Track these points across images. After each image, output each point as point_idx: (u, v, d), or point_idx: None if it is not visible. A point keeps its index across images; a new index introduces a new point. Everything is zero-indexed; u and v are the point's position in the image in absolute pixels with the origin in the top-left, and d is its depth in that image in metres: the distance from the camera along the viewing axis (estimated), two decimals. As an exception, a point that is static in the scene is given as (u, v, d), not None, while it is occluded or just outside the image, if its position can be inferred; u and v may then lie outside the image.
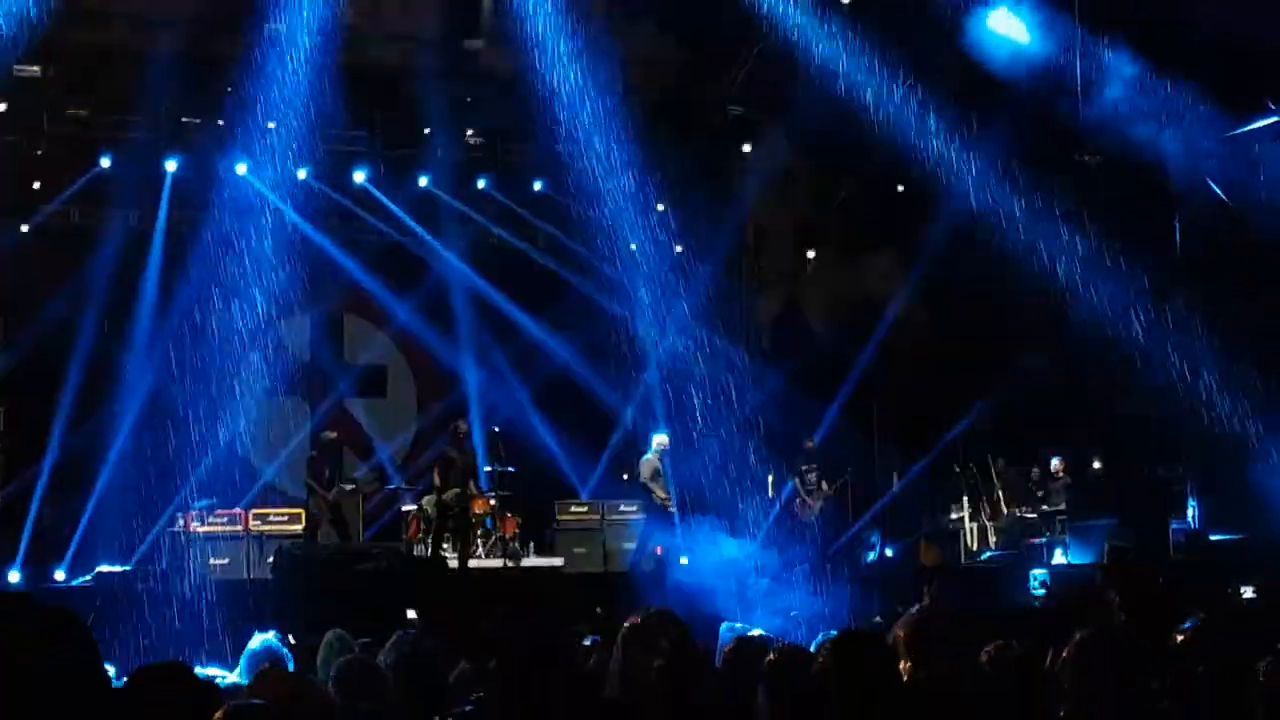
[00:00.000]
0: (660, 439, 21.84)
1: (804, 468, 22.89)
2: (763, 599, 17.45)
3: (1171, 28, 19.82)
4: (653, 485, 21.58)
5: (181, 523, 20.14)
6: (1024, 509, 23.01)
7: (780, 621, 12.58)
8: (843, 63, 21.36)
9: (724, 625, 9.32)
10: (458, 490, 20.68)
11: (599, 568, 21.40)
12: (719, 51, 24.20)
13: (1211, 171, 21.29)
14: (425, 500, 20.99)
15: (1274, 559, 18.41)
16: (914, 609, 5.43)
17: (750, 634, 9.23)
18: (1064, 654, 5.23)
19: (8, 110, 21.51)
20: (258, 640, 8.92)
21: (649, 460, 21.66)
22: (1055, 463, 23.28)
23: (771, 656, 6.17)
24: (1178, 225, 22.34)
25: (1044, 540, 22.00)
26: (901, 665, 5.32)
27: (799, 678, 5.49)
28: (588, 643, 9.09)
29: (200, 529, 20.04)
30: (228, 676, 8.66)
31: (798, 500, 22.79)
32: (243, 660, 8.85)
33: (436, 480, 20.89)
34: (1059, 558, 21.28)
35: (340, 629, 9.62)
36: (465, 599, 17.25)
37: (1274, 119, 20.78)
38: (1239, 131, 20.95)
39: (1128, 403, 21.51)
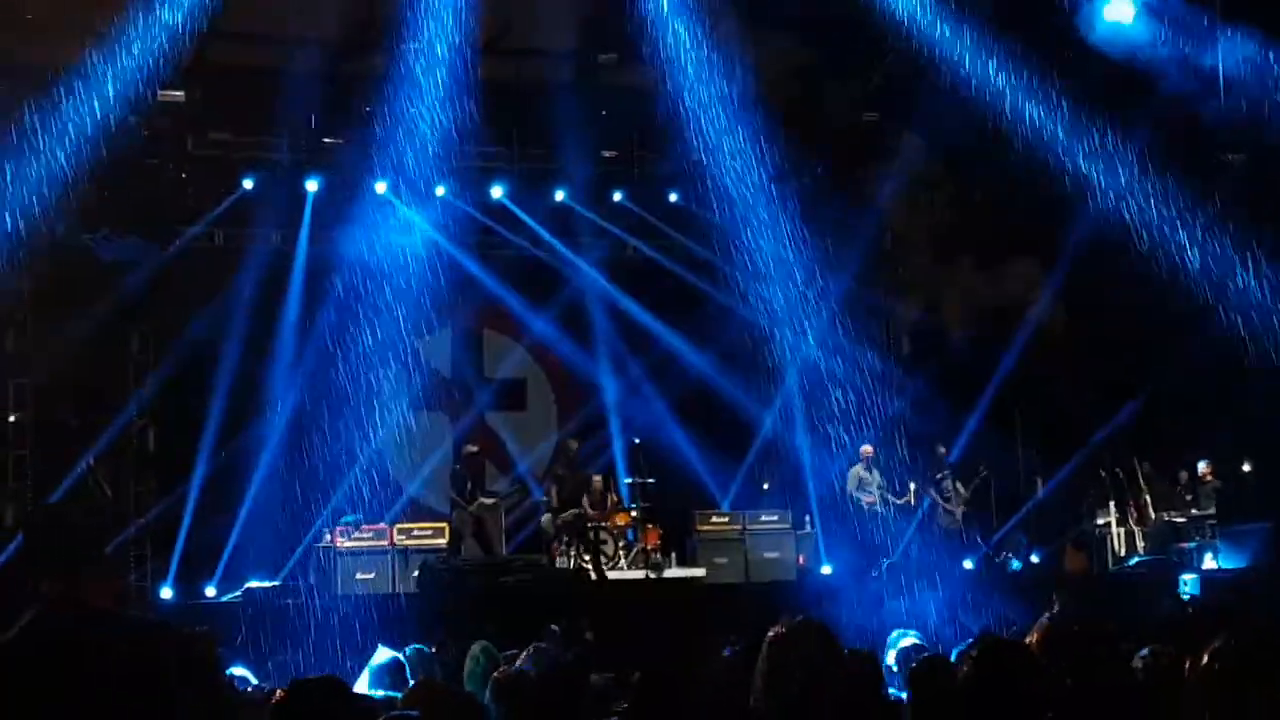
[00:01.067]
0: (865, 449, 21.90)
1: (938, 475, 22.72)
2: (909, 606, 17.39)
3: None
4: (858, 495, 21.70)
5: (328, 538, 20.39)
6: (1172, 513, 22.65)
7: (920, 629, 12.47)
8: (978, 66, 21.19)
9: (895, 632, 9.29)
10: (577, 511, 20.86)
11: (740, 578, 21.35)
12: (852, 58, 24.09)
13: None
14: (544, 520, 21.12)
15: None
16: (1044, 617, 5.36)
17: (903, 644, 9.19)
18: (1202, 660, 5.12)
19: (151, 134, 21.89)
20: (384, 655, 9.02)
21: (853, 471, 21.77)
22: (1203, 466, 22.91)
23: (914, 665, 6.14)
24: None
25: (1193, 545, 21.66)
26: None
27: (943, 686, 5.46)
28: (727, 653, 9.05)
29: (346, 544, 20.26)
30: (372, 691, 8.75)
31: (939, 510, 22.62)
32: (369, 673, 8.93)
33: (554, 500, 21.02)
34: (1209, 562, 20.94)
35: (486, 641, 9.72)
36: (609, 610, 17.32)
37: None
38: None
39: (1277, 404, 21.10)
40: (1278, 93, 20.18)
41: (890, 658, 9.05)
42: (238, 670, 10.55)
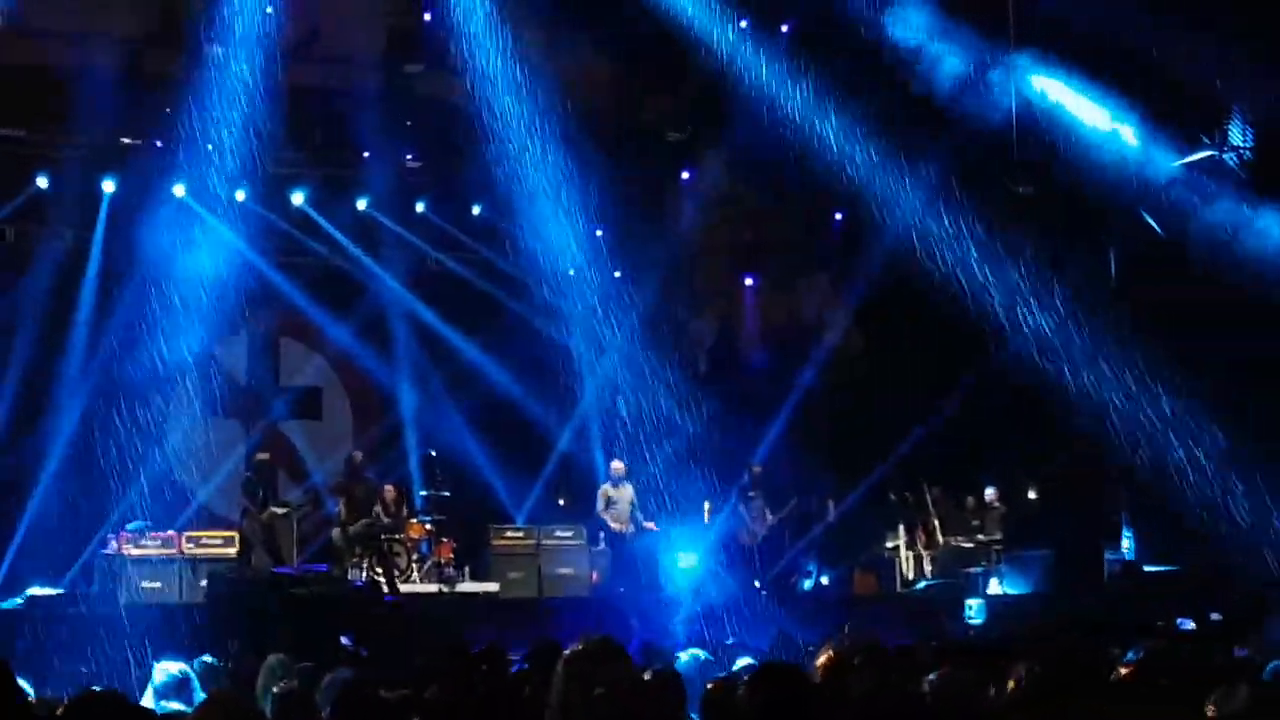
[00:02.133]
0: (615, 465, 21.85)
1: (749, 493, 22.87)
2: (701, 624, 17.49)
3: (1105, 57, 20.02)
4: (604, 516, 21.62)
5: (114, 545, 19.93)
6: (960, 538, 23.05)
7: (716, 648, 12.55)
8: (781, 89, 21.48)
9: (688, 653, 9.31)
10: (367, 520, 20.66)
11: (534, 593, 21.32)
12: (657, 75, 24.28)
13: (1145, 202, 21.46)
14: (335, 533, 20.87)
15: (1209, 591, 18.55)
16: (832, 640, 5.43)
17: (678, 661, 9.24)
18: (1010, 685, 5.25)
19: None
20: (169, 669, 8.83)
21: (600, 490, 21.75)
22: (990, 492, 23.34)
23: (708, 687, 6.17)
24: (1112, 254, 22.50)
25: (980, 570, 22.06)
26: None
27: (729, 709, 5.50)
28: (515, 670, 9.03)
29: (133, 551, 19.82)
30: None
31: (744, 529, 22.75)
32: (153, 686, 8.74)
33: (343, 513, 20.78)
34: (994, 588, 21.35)
35: (279, 654, 9.58)
36: (400, 624, 17.20)
37: (1207, 153, 20.95)
38: (1177, 164, 21.10)
39: (1062, 432, 21.64)
40: (1068, 128, 20.76)
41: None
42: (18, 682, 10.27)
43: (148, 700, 8.52)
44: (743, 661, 9.94)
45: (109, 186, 22.43)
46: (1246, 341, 19.93)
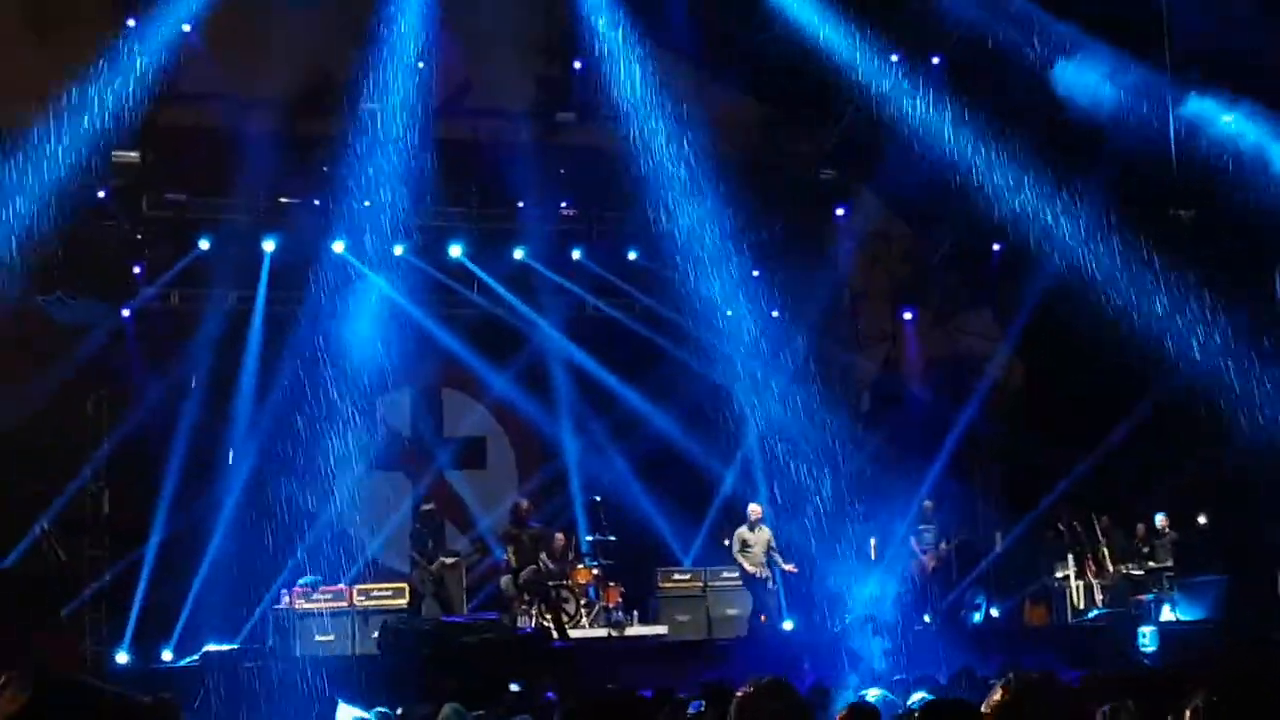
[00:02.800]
0: (752, 508, 21.75)
1: (921, 527, 22.75)
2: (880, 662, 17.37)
3: (1263, 83, 19.72)
4: (739, 558, 21.47)
5: (287, 600, 20.23)
6: (1130, 566, 22.71)
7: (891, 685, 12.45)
8: (934, 122, 21.38)
9: (876, 693, 9.25)
10: (534, 567, 20.68)
11: (702, 634, 21.30)
12: (809, 114, 24.26)
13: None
14: (504, 581, 20.93)
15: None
16: (1010, 674, 5.34)
17: (865, 699, 9.17)
18: (1187, 715, 5.14)
19: (108, 195, 21.79)
20: (349, 714, 8.94)
21: (736, 534, 21.63)
22: (1160, 519, 22.98)
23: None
24: (1277, 276, 22.07)
25: (1151, 597, 21.72)
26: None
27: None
28: (692, 710, 9.03)
29: (305, 606, 20.11)
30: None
31: (915, 561, 22.65)
32: None
33: (512, 560, 20.82)
34: (1167, 615, 21.00)
35: (454, 703, 9.67)
36: (570, 670, 17.24)
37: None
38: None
39: (1232, 457, 21.24)
40: (1224, 151, 20.43)
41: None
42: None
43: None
44: (917, 696, 9.86)
45: (269, 246, 22.80)
46: None
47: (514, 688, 13.84)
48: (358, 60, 21.22)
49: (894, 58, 21.62)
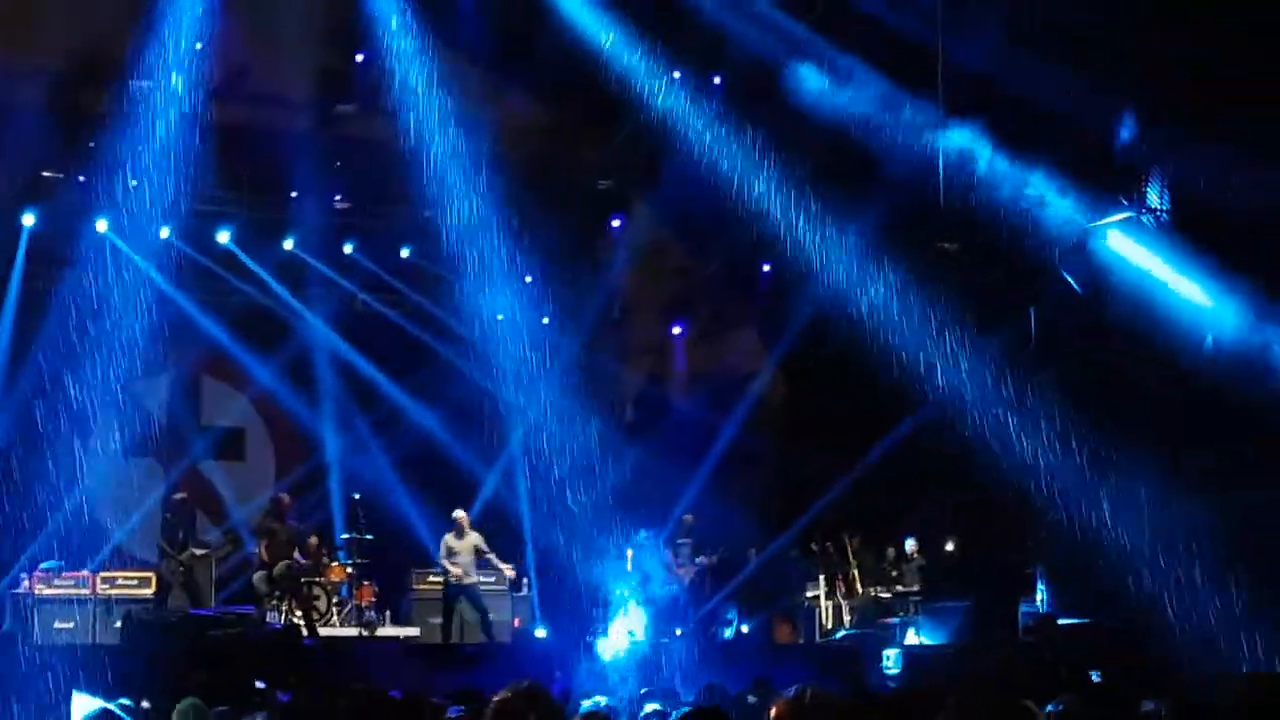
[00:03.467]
0: (458, 514, 21.37)
1: (679, 540, 22.85)
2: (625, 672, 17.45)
3: (1030, 120, 20.26)
4: (445, 563, 21.05)
5: (26, 584, 19.68)
6: (879, 589, 23.16)
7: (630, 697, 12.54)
8: (712, 140, 21.61)
9: (588, 702, 9.27)
10: (287, 562, 20.33)
11: (456, 638, 21.20)
12: (590, 124, 24.35)
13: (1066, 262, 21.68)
14: (256, 576, 20.54)
15: (1120, 643, 18.69)
16: (793, 689, 5.41)
17: (596, 710, 9.21)
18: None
19: None
20: (87, 704, 8.74)
21: (444, 540, 21.10)
22: (910, 544, 23.51)
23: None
24: (1033, 312, 22.70)
25: (898, 620, 22.16)
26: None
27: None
28: (452, 715, 8.97)
29: (46, 591, 19.58)
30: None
31: (669, 574, 22.67)
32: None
33: (264, 555, 20.43)
34: (912, 638, 21.44)
35: (194, 698, 9.48)
36: (319, 669, 17.04)
37: (1126, 214, 21.21)
38: (1094, 225, 21.34)
39: (981, 485, 21.78)
40: (991, 188, 20.95)
41: None
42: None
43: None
44: (650, 708, 9.93)
45: (29, 220, 22.21)
46: (1166, 398, 20.16)
47: (259, 685, 13.61)
48: (135, 37, 20.76)
49: (676, 74, 21.79)
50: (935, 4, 20.04)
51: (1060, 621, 21.45)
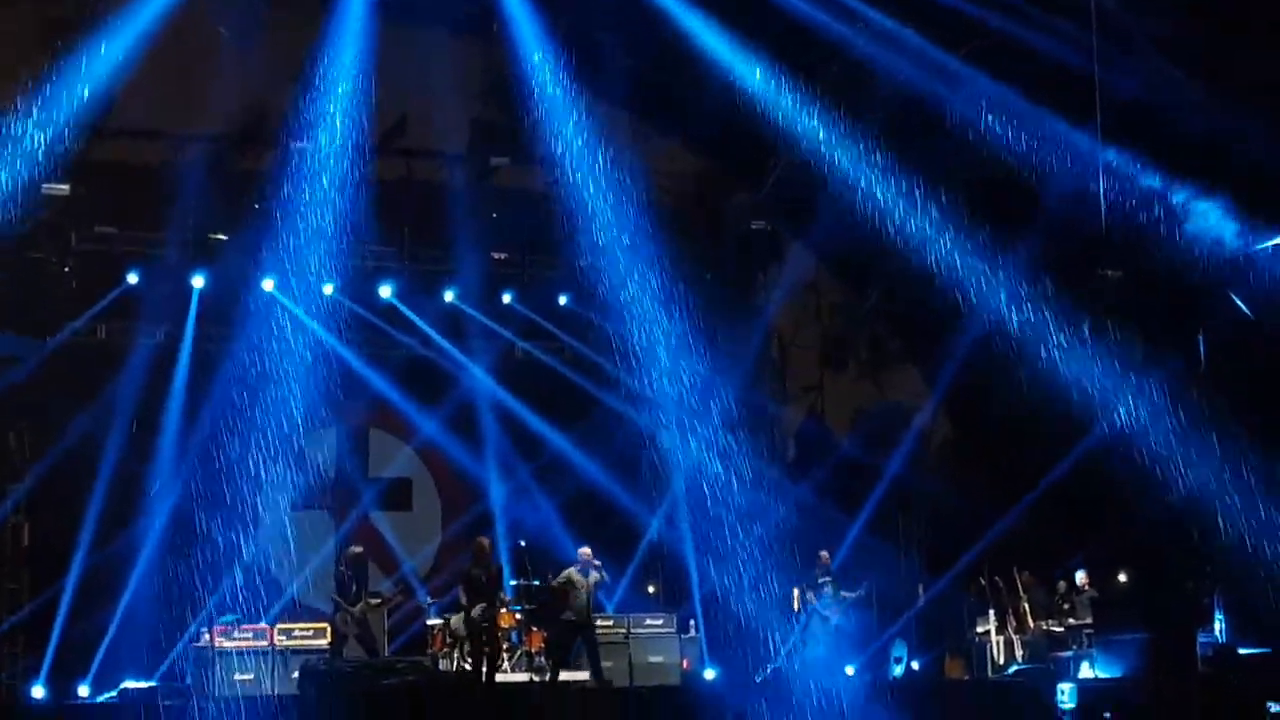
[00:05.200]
0: (582, 551, 21.02)
1: (820, 580, 22.66)
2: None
3: (1187, 141, 20.00)
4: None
5: (206, 637, 20.05)
6: (1050, 622, 22.86)
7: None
8: (866, 177, 21.55)
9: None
10: (484, 605, 20.28)
11: (625, 681, 21.21)
12: (742, 166, 24.41)
13: (1235, 285, 21.36)
14: (454, 619, 20.61)
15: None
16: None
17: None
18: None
19: (36, 228, 21.61)
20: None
21: (566, 573, 20.86)
22: (1080, 576, 23.17)
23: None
24: (1202, 338, 22.36)
25: (1071, 654, 21.87)
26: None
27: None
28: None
29: (225, 644, 19.93)
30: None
31: (816, 616, 22.46)
32: None
33: (463, 598, 20.43)
34: (1086, 671, 21.15)
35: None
36: (492, 714, 17.17)
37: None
38: (1262, 246, 21.01)
39: (1153, 517, 21.46)
40: (1151, 214, 20.70)
41: None
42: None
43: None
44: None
45: (199, 282, 22.68)
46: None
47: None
48: (293, 97, 21.18)
49: (828, 112, 21.76)
50: (1091, 32, 19.85)
51: (1240, 651, 21.08)
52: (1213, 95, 19.28)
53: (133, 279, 22.55)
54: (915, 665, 23.80)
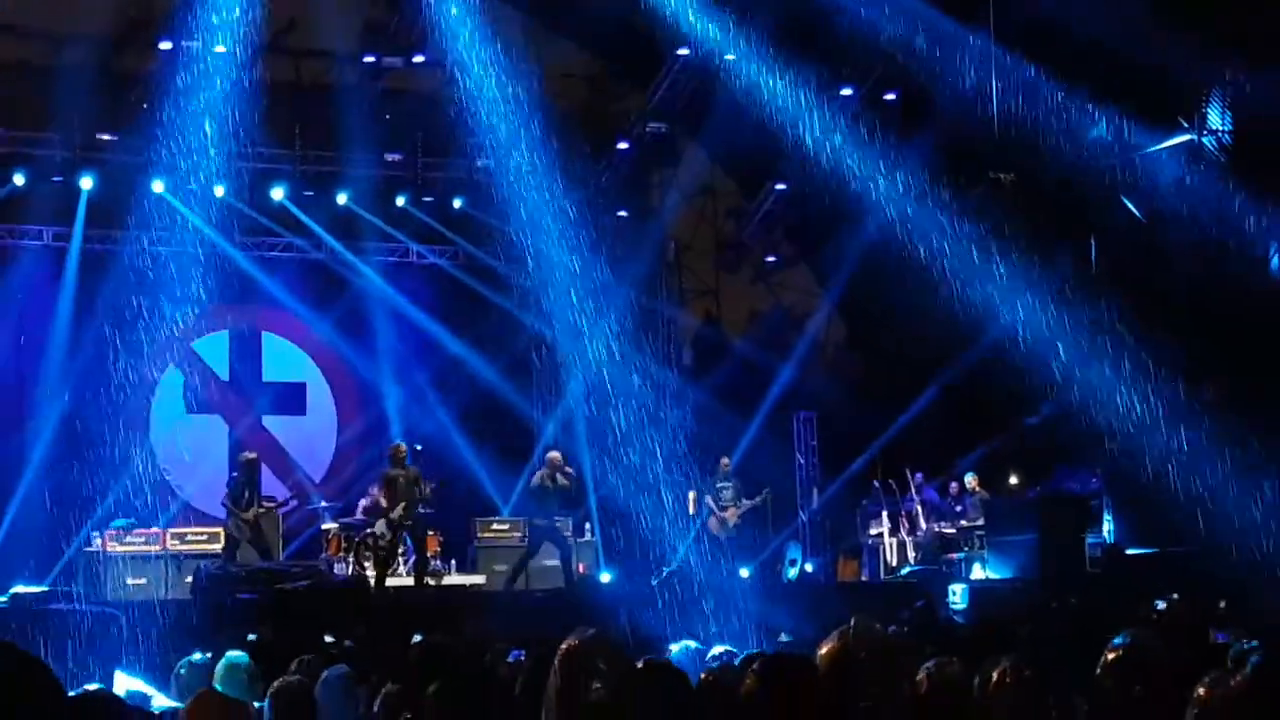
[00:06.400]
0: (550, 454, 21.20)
1: (718, 485, 22.72)
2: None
3: (1080, 46, 20.06)
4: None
5: (98, 542, 19.93)
6: (943, 524, 23.10)
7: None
8: (762, 77, 21.49)
9: (676, 646, 9.30)
10: (404, 505, 20.03)
11: (521, 585, 21.29)
12: (637, 67, 24.28)
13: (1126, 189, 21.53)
14: (378, 524, 20.45)
15: (1190, 573, 18.58)
16: (836, 632, 5.40)
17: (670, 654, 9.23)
18: (994, 678, 5.27)
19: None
20: (126, 686, 8.80)
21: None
22: (969, 478, 23.34)
23: (703, 676, 6.16)
24: (1092, 241, 22.55)
25: (962, 555, 22.12)
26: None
27: (728, 700, 5.50)
28: (511, 659, 9.01)
29: (118, 549, 19.83)
30: (157, 698, 8.57)
31: (712, 517, 22.54)
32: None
33: (384, 501, 20.27)
34: (978, 572, 21.40)
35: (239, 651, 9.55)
36: (389, 619, 17.16)
37: (1185, 137, 21.02)
38: (1152, 149, 21.17)
39: (1043, 417, 21.70)
40: (1047, 117, 20.75)
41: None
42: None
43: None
44: (717, 649, 9.96)
45: (87, 184, 22.34)
46: (1224, 324, 20.04)
47: (327, 639, 13.72)
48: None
49: (722, 11, 21.63)
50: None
51: (1128, 552, 21.41)
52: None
53: (19, 180, 22.16)
54: (809, 568, 24.01)
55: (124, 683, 9.03)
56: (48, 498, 20.75)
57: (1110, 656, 5.18)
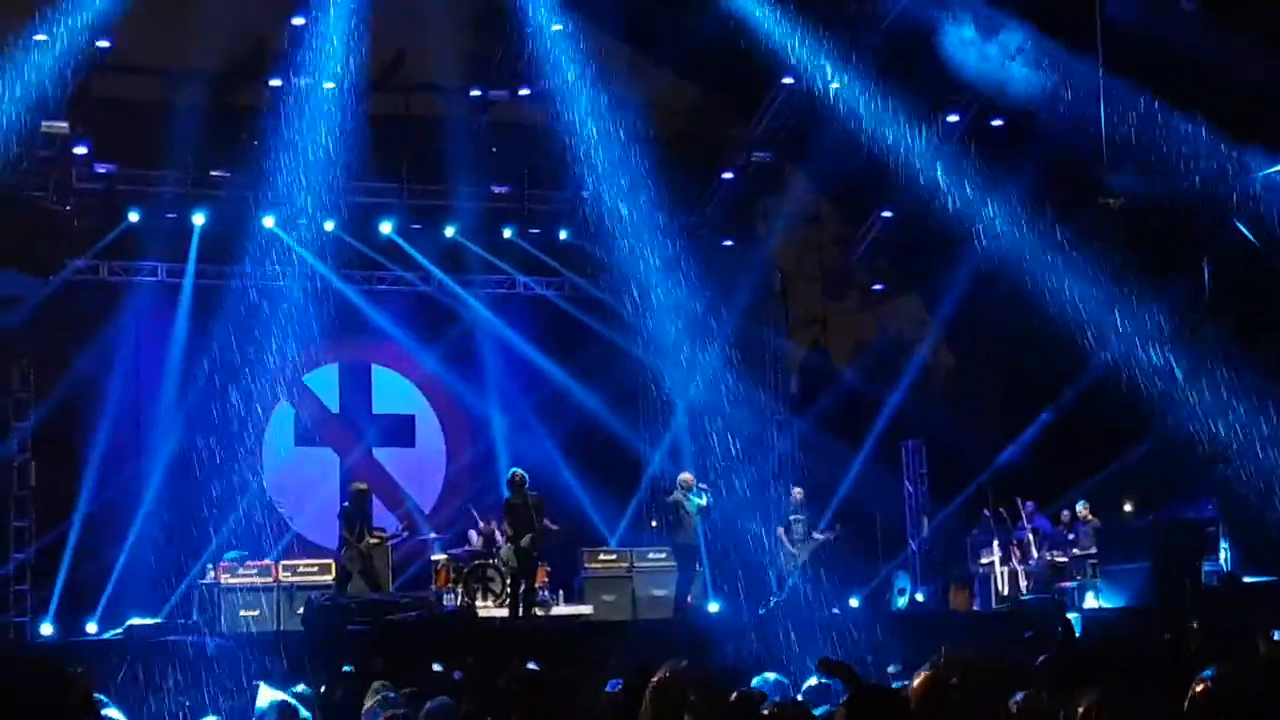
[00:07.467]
0: (683, 477, 21.30)
1: (791, 516, 22.48)
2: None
3: (1191, 71, 19.84)
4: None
5: (212, 575, 20.17)
6: (1055, 552, 22.85)
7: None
8: (866, 106, 21.44)
9: (758, 678, 9.25)
10: (531, 535, 20.06)
11: (627, 615, 21.30)
12: (741, 97, 24.28)
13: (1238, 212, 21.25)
14: (505, 551, 20.43)
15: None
16: (928, 663, 5.35)
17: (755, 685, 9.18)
18: (1080, 712, 5.20)
19: (37, 167, 21.58)
20: (269, 695, 8.89)
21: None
22: (1081, 506, 23.08)
23: (767, 712, 6.06)
24: (1206, 266, 22.26)
25: (1075, 584, 21.87)
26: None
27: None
28: (610, 689, 9.01)
29: (230, 581, 20.06)
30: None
31: (784, 552, 22.29)
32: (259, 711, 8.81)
33: (509, 530, 20.36)
34: (1091, 601, 21.15)
35: (383, 680, 9.65)
36: (495, 649, 17.20)
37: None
38: (1265, 173, 20.89)
39: (1157, 446, 21.42)
40: (1155, 142, 20.55)
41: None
42: (110, 712, 10.30)
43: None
44: (811, 682, 9.90)
45: (199, 220, 22.66)
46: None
47: (436, 667, 13.78)
48: (290, 32, 21.13)
49: (826, 39, 21.60)
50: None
51: (1245, 580, 21.06)
52: (1212, 19, 19.11)
53: (134, 217, 22.51)
54: (920, 597, 23.82)
55: (267, 695, 9.11)
56: (162, 531, 21.03)
57: (1199, 689, 5.08)
